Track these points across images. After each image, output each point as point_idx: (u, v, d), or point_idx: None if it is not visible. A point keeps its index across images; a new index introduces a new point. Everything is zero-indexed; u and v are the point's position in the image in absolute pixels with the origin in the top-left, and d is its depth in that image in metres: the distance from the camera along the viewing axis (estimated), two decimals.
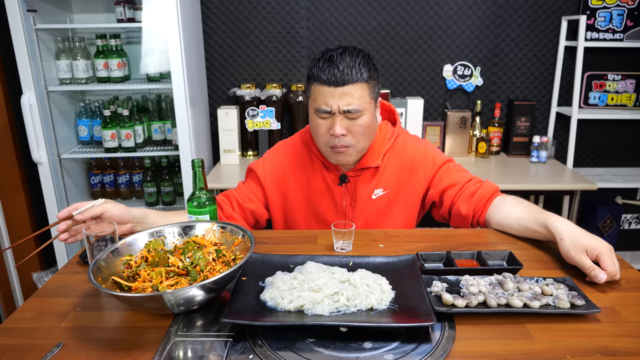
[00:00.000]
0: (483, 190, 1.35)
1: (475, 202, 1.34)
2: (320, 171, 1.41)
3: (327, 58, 1.24)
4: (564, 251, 1.07)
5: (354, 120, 1.25)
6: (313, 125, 1.31)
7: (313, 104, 1.28)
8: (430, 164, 1.41)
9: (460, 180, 1.38)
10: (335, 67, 1.22)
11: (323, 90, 1.23)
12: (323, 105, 1.24)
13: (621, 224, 2.86)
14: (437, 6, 2.62)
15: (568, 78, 2.72)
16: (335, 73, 1.21)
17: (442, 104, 2.78)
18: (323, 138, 1.29)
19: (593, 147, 2.86)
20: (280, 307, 0.88)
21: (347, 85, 1.22)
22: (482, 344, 0.82)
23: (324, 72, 1.22)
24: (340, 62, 1.22)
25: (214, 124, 2.76)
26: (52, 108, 2.37)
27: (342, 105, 1.23)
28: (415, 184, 1.41)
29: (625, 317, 0.90)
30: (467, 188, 1.37)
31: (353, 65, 1.22)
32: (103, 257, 0.96)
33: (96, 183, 2.68)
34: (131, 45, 2.59)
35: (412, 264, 1.04)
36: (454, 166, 1.43)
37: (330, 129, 1.26)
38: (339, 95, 1.22)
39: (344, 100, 1.23)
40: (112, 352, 0.82)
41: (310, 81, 1.28)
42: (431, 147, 1.44)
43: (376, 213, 1.41)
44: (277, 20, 2.64)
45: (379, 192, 1.40)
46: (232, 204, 1.42)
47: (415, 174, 1.41)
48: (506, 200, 1.31)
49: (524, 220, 1.22)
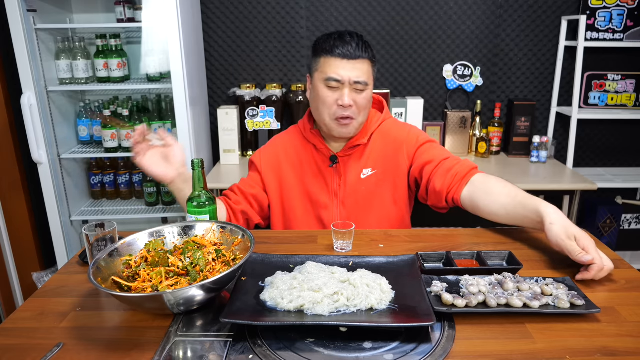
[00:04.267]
0: (459, 167, 1.35)
1: (450, 178, 1.34)
2: (311, 154, 1.49)
3: (337, 36, 1.37)
4: (552, 235, 1.07)
5: (360, 93, 1.37)
6: (320, 96, 1.39)
7: (321, 75, 1.37)
8: (413, 142, 1.46)
9: (437, 157, 1.40)
10: (348, 44, 1.35)
11: (335, 62, 1.35)
12: (334, 75, 1.35)
13: (621, 224, 2.86)
14: (437, 6, 2.62)
15: (568, 78, 2.72)
16: (349, 48, 1.34)
17: (442, 104, 2.78)
18: (330, 109, 1.38)
19: (593, 147, 2.86)
20: (280, 307, 0.89)
21: (358, 60, 1.35)
22: (482, 344, 0.82)
23: (338, 47, 1.35)
24: (352, 40, 1.36)
25: (214, 124, 2.76)
26: (52, 108, 2.37)
27: (353, 77, 1.34)
28: (400, 162, 1.46)
29: (625, 317, 0.90)
30: (443, 164, 1.38)
31: (362, 44, 1.37)
32: (103, 257, 0.96)
33: (96, 183, 2.68)
34: (131, 45, 2.59)
35: (412, 264, 1.04)
36: (436, 145, 1.47)
37: (339, 99, 1.36)
38: (350, 68, 1.34)
39: (354, 73, 1.35)
40: (112, 352, 0.82)
41: (318, 55, 1.39)
42: (416, 129, 1.52)
43: (366, 193, 1.47)
44: (277, 20, 2.64)
45: (368, 171, 1.47)
46: (235, 193, 1.51)
47: (399, 152, 1.46)
48: (490, 184, 1.29)
49: (511, 206, 1.21)
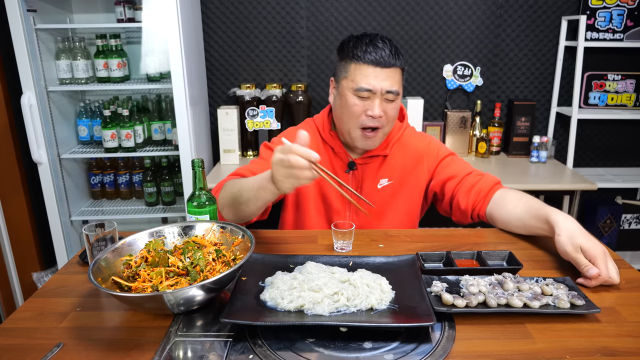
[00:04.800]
0: (482, 183, 1.35)
1: (474, 195, 1.34)
2: (328, 157, 1.43)
3: (369, 40, 1.28)
4: (560, 246, 1.07)
5: (390, 102, 1.30)
6: (348, 105, 1.31)
7: (351, 83, 1.29)
8: (434, 155, 1.43)
9: (460, 172, 1.39)
10: (381, 50, 1.26)
11: (367, 70, 1.27)
12: (365, 84, 1.27)
13: (621, 224, 2.86)
14: (437, 6, 2.62)
15: (568, 78, 2.71)
16: (382, 55, 1.26)
17: (442, 104, 2.78)
18: (357, 119, 1.31)
19: (593, 147, 2.86)
20: (280, 307, 0.88)
21: (391, 68, 1.27)
22: (482, 344, 0.82)
23: (371, 53, 1.26)
24: (384, 46, 1.27)
25: (214, 124, 2.76)
26: (52, 108, 2.37)
27: (385, 87, 1.27)
28: (419, 175, 1.43)
29: (625, 317, 0.90)
30: (466, 180, 1.37)
31: (395, 51, 1.28)
32: (103, 257, 0.96)
33: (96, 183, 2.68)
34: (131, 45, 2.59)
35: (412, 264, 1.04)
36: (457, 159, 1.44)
37: (368, 110, 1.29)
38: (383, 77, 1.27)
39: (386, 82, 1.27)
40: (112, 352, 0.82)
41: (348, 60, 1.30)
42: (436, 141, 1.48)
43: (380, 203, 1.42)
44: (277, 20, 2.64)
45: (384, 182, 1.42)
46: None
47: (419, 165, 1.43)
48: (508, 198, 1.29)
49: (526, 218, 1.22)
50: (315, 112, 2.76)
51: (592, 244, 1.03)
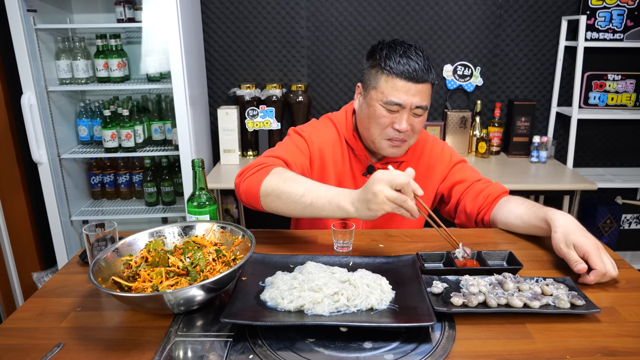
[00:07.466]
0: (491, 189, 1.36)
1: (482, 200, 1.35)
2: (348, 158, 1.41)
3: (403, 52, 1.24)
4: (554, 243, 1.08)
5: (418, 117, 1.28)
6: (374, 115, 1.28)
7: (381, 95, 1.25)
8: (447, 161, 1.45)
9: (469, 178, 1.40)
10: (415, 63, 1.22)
11: (399, 84, 1.23)
12: (396, 98, 1.24)
13: (621, 224, 2.86)
14: (437, 6, 2.62)
15: (568, 78, 2.71)
16: (416, 68, 1.22)
17: (442, 104, 2.78)
18: (383, 130, 1.29)
19: (593, 147, 2.86)
20: (280, 307, 0.88)
21: (423, 84, 1.24)
22: (482, 344, 0.82)
23: (404, 66, 1.22)
24: (418, 59, 1.23)
25: (214, 124, 2.76)
26: (52, 108, 2.37)
27: (415, 102, 1.24)
28: (432, 180, 1.44)
29: (625, 317, 0.90)
30: (475, 186, 1.39)
31: (428, 65, 1.24)
32: (103, 257, 0.96)
33: (96, 183, 2.68)
34: (131, 45, 2.59)
35: (412, 264, 1.04)
36: (468, 166, 1.47)
37: (395, 123, 1.27)
38: (414, 92, 1.23)
39: (417, 97, 1.24)
40: (112, 352, 0.82)
41: (379, 70, 1.25)
42: (448, 147, 1.49)
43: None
44: (277, 20, 2.64)
45: None
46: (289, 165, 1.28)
47: (432, 171, 1.44)
48: (510, 200, 1.32)
49: (527, 216, 1.23)
50: (316, 112, 2.77)
51: (585, 240, 1.03)
